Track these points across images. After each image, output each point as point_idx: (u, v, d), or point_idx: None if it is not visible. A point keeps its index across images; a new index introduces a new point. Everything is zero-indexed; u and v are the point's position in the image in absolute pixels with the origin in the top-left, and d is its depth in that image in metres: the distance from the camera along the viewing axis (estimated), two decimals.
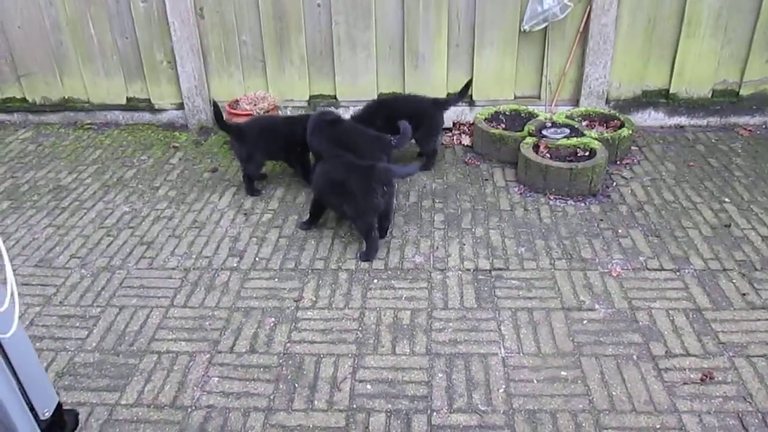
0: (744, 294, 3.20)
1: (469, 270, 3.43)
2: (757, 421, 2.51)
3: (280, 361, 2.86)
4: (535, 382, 2.71)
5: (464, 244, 3.64)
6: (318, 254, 3.60)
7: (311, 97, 5.20)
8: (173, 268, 3.53)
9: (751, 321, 3.02)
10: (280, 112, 5.03)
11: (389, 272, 3.43)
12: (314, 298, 3.25)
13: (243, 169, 4.26)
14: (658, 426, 2.49)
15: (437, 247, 3.62)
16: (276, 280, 3.41)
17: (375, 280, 3.37)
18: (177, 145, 5.09)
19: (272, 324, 3.08)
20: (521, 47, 4.91)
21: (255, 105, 4.68)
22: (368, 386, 2.71)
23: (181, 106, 5.32)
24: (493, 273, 3.40)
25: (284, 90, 5.15)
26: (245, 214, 4.04)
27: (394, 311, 3.14)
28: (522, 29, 4.78)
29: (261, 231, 3.85)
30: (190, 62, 5.06)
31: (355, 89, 5.09)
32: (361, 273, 3.43)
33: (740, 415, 2.54)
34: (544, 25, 4.69)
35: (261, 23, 4.93)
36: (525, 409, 2.58)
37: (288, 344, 2.95)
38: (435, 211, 3.98)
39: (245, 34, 5.02)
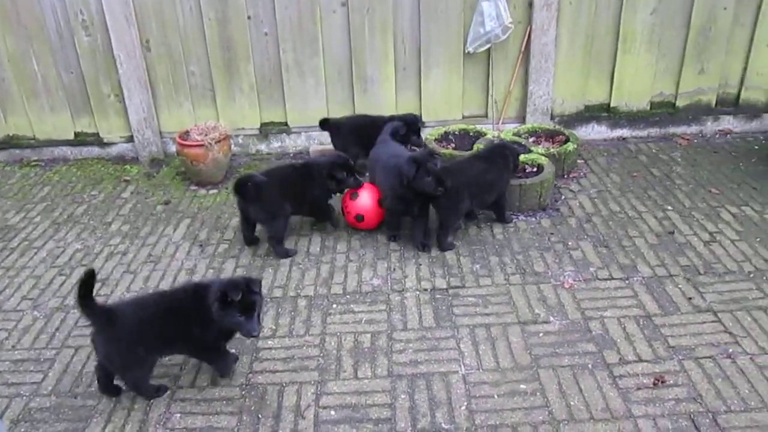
0: (690, 298, 3.33)
1: (426, 290, 3.48)
2: (708, 420, 2.61)
3: (243, 392, 2.85)
4: (496, 397, 2.77)
5: (421, 265, 3.70)
6: (276, 282, 3.61)
7: (262, 124, 5.23)
8: None
9: (697, 324, 3.15)
10: (231, 141, 5.03)
11: (348, 296, 3.46)
12: (274, 327, 3.25)
13: (270, 229, 3.84)
14: None
15: (394, 269, 3.67)
16: None
17: (334, 305, 3.39)
18: (128, 178, 5.03)
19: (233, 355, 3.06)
20: (467, 68, 5.04)
21: (206, 135, 4.68)
22: (332, 412, 2.72)
23: (130, 139, 5.28)
24: (450, 291, 3.46)
25: (235, 119, 5.16)
26: (201, 245, 4.02)
27: (355, 335, 3.17)
28: (466, 51, 4.91)
29: (218, 262, 3.84)
30: (138, 94, 5.03)
31: (305, 115, 5.14)
32: (320, 299, 3.45)
33: (692, 416, 2.64)
34: (487, 46, 4.83)
35: (208, 53, 4.95)
36: (487, 424, 2.63)
37: (250, 375, 2.95)
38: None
39: (193, 65, 5.03)
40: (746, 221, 4.01)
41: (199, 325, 2.68)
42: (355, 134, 4.57)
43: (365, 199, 3.94)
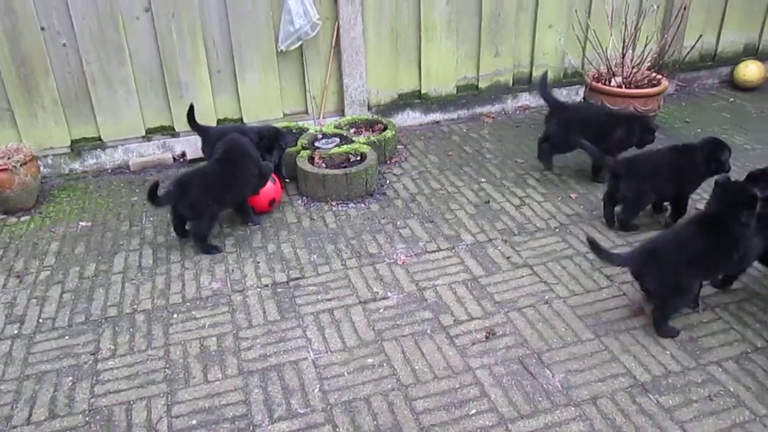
0: (508, 257, 3.68)
1: (267, 286, 3.52)
2: (534, 360, 2.92)
3: (87, 418, 2.71)
4: (346, 374, 2.88)
5: (259, 262, 3.72)
6: (109, 301, 3.45)
7: (73, 141, 4.91)
8: None
9: (517, 279, 3.49)
10: (40, 162, 4.69)
11: (188, 304, 3.40)
12: (113, 347, 3.12)
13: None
14: (458, 386, 2.80)
15: (233, 270, 3.66)
16: (67, 337, 3.20)
17: (175, 315, 3.32)
18: None
19: (70, 383, 2.90)
20: (282, 67, 5.11)
21: (9, 158, 4.32)
22: (186, 419, 2.68)
23: None
24: (291, 284, 3.52)
25: (41, 138, 4.80)
26: (18, 276, 3.72)
27: (200, 340, 3.13)
28: (279, 50, 4.97)
29: (40, 290, 3.58)
30: None
31: (120, 128, 4.91)
32: (159, 311, 3.35)
33: (521, 359, 2.94)
34: (299, 44, 4.93)
35: (0, 70, 4.56)
36: (341, 401, 2.74)
37: (92, 399, 2.81)
38: (224, 236, 4.00)
39: None
40: (548, 184, 4.49)
41: None
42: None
43: (270, 184, 4.15)
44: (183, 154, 5.07)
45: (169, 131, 5.04)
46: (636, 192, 3.78)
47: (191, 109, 4.35)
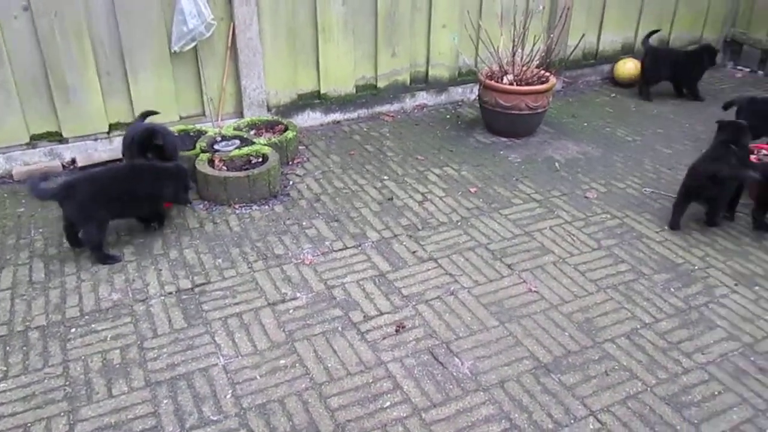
0: (414, 252, 3.76)
1: (171, 293, 3.41)
2: (443, 350, 3.01)
3: None
4: (259, 377, 2.85)
5: (161, 270, 3.60)
6: None
7: None
8: None
9: (423, 272, 3.58)
10: None
11: (87, 317, 3.24)
12: (5, 368, 2.93)
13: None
14: (371, 380, 2.83)
15: (134, 280, 3.52)
16: None
17: (73, 329, 3.15)
18: None
19: None
20: (176, 68, 4.95)
21: None
22: None
23: None
24: (196, 290, 3.44)
25: None
26: None
27: (102, 354, 2.99)
28: (173, 51, 4.82)
29: None
30: None
31: (1, 134, 4.60)
32: (55, 326, 3.18)
33: (430, 349, 3.02)
34: (193, 44, 4.80)
35: None
36: (255, 405, 2.71)
37: None
38: (123, 244, 3.84)
39: None
40: (448, 179, 4.62)
41: None
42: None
43: None
44: (73, 161, 4.81)
45: (56, 137, 4.77)
46: None
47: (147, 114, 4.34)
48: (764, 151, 4.52)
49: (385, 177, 4.65)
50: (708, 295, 3.44)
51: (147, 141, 4.07)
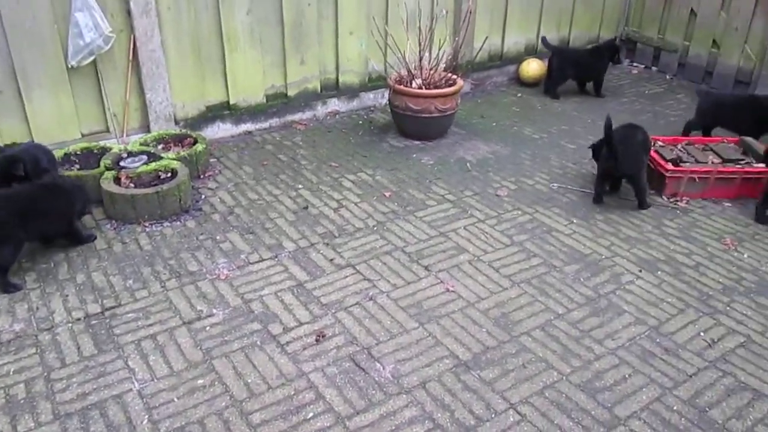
0: (331, 259, 3.75)
1: (79, 319, 3.26)
2: (365, 356, 3.01)
3: None
4: (176, 400, 2.76)
5: (67, 295, 3.44)
6: None
7: None
8: None
9: (341, 279, 3.57)
10: None
11: None
12: None
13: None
14: (293, 392, 2.80)
15: (37, 308, 3.34)
16: None
17: None
18: None
19: None
20: (75, 84, 4.74)
21: None
22: None
23: None
24: (106, 314, 3.30)
25: None
26: None
27: (5, 390, 2.82)
28: (70, 65, 4.62)
29: None
30: None
31: None
32: None
33: (352, 356, 3.01)
34: (91, 59, 4.61)
35: None
36: (173, 429, 2.62)
37: None
38: (24, 271, 3.64)
39: None
40: (363, 185, 4.63)
41: None
42: None
43: None
44: None
45: None
46: None
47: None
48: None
49: (300, 186, 4.62)
50: (615, 283, 3.60)
51: (6, 171, 3.84)
